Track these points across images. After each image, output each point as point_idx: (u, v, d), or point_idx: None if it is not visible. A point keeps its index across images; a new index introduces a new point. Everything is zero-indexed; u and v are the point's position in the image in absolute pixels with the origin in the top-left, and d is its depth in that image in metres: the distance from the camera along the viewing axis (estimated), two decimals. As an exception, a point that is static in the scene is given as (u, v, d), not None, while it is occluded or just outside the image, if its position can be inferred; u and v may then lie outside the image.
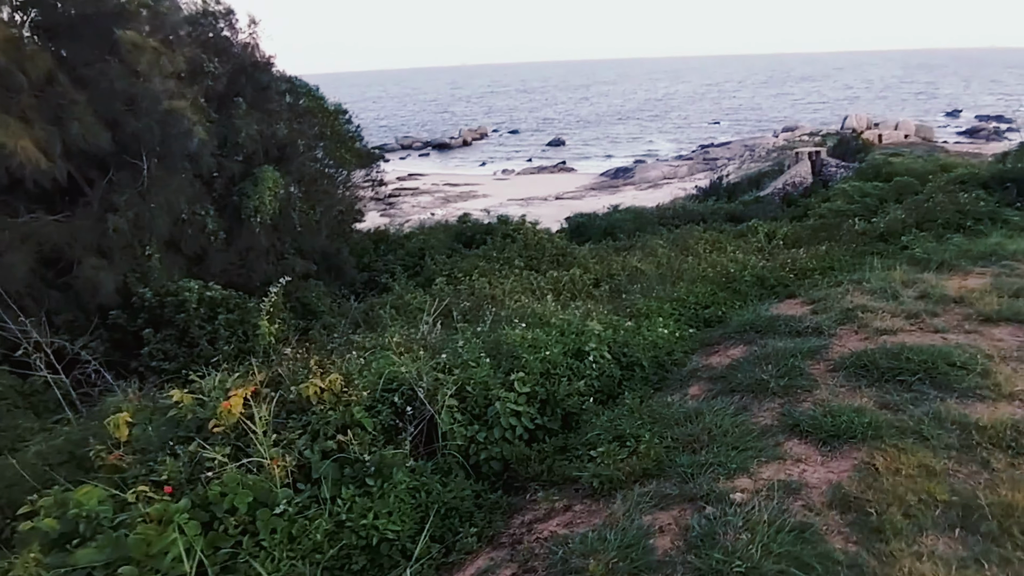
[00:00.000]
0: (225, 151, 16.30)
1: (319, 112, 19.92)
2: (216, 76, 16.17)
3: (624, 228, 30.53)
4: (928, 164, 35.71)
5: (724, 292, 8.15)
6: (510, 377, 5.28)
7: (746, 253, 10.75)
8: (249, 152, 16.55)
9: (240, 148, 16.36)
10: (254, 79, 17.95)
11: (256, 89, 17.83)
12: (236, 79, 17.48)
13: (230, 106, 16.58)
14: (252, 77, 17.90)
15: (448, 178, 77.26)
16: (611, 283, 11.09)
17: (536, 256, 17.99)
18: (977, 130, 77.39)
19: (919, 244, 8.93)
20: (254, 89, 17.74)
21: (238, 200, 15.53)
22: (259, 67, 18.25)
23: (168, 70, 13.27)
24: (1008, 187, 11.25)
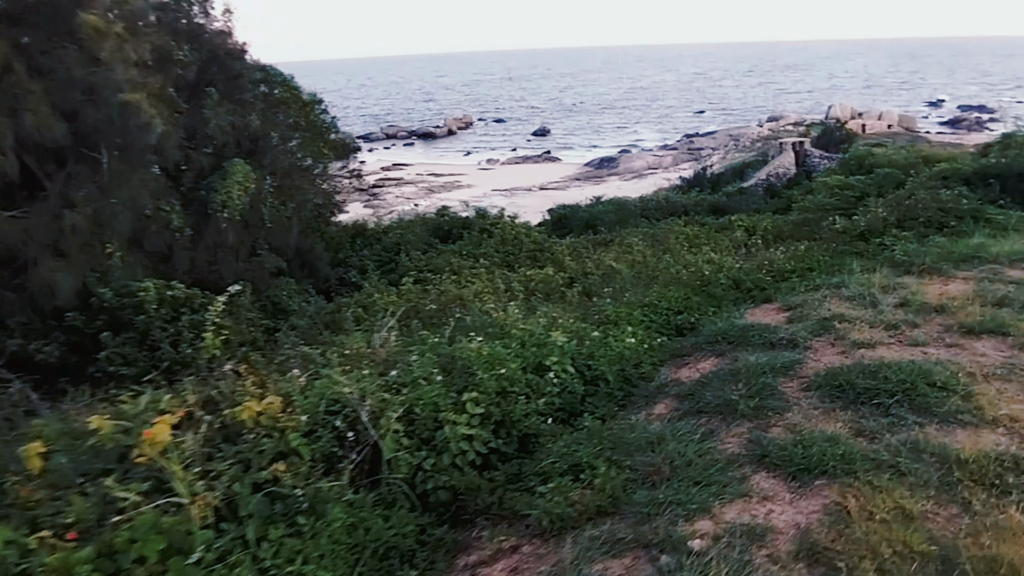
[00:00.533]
0: (194, 143, 15.79)
1: (294, 102, 19.38)
2: (186, 64, 15.64)
3: (606, 220, 30.19)
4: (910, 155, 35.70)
5: (698, 296, 7.82)
6: (463, 397, 4.93)
7: (722, 253, 10.44)
8: (220, 144, 16.04)
9: (210, 140, 15.85)
10: (227, 68, 17.40)
11: (228, 78, 17.29)
12: (208, 68, 16.93)
13: (201, 96, 16.05)
14: (225, 66, 17.35)
15: (433, 168, 76.58)
16: (584, 283, 10.76)
17: (513, 251, 17.63)
18: (959, 120, 77.67)
19: (900, 245, 8.64)
20: (226, 78, 17.20)
21: (205, 195, 15.04)
22: (232, 55, 17.70)
23: (132, 58, 12.72)
24: (991, 183, 11.00)
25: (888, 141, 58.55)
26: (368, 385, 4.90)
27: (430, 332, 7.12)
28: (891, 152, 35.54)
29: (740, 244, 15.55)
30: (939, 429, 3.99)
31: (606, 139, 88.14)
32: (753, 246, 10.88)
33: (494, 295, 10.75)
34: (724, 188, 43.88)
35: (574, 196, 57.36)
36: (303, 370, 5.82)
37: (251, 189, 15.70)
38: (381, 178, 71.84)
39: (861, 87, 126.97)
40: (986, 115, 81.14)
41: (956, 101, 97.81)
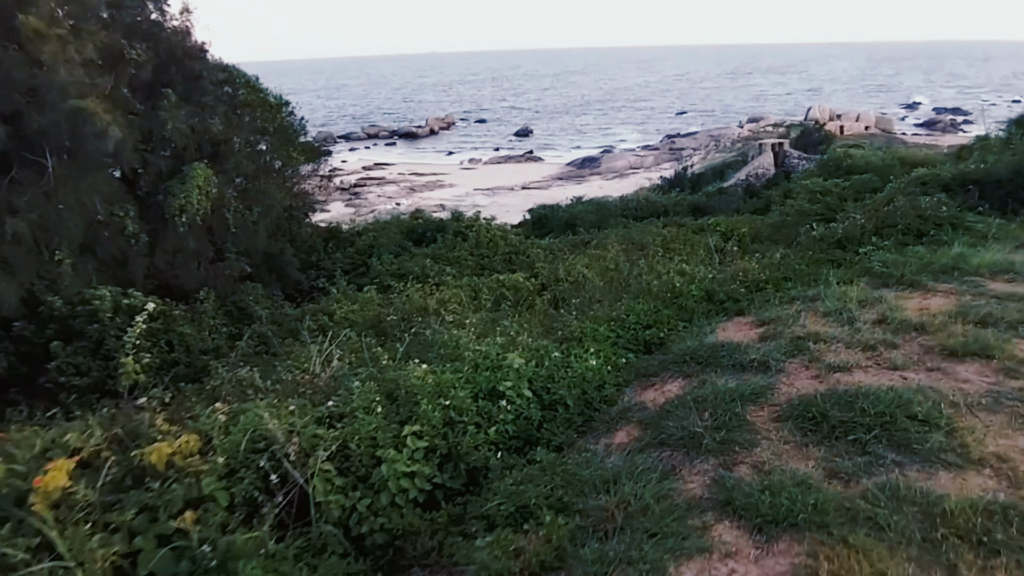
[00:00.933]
0: (151, 146, 15.22)
1: (259, 105, 18.82)
2: (140, 64, 15.05)
3: (586, 221, 29.93)
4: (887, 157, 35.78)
5: (669, 309, 7.43)
6: (404, 430, 4.50)
7: (696, 263, 10.07)
8: (179, 148, 15.48)
9: (168, 143, 15.28)
10: (185, 68, 16.82)
11: (188, 79, 16.71)
12: (166, 68, 16.34)
13: (158, 97, 15.48)
14: (183, 66, 16.77)
15: (415, 168, 76.07)
16: (556, 290, 10.35)
17: (488, 255, 17.22)
18: (934, 122, 78.66)
19: (878, 254, 8.31)
20: (185, 79, 16.63)
21: (163, 199, 14.48)
22: (191, 55, 17.13)
23: (76, 59, 12.15)
24: (970, 189, 10.73)
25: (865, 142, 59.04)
26: (299, 420, 4.45)
27: (384, 350, 6.69)
28: (868, 153, 35.62)
29: (717, 249, 15.28)
30: (921, 471, 3.61)
31: (588, 139, 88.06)
32: (728, 253, 10.52)
33: (460, 304, 10.32)
34: (704, 188, 43.88)
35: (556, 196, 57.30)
36: (238, 397, 5.37)
37: (213, 193, 15.15)
38: (362, 177, 71.25)
39: (840, 89, 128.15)
40: (960, 117, 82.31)
41: (932, 103, 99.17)
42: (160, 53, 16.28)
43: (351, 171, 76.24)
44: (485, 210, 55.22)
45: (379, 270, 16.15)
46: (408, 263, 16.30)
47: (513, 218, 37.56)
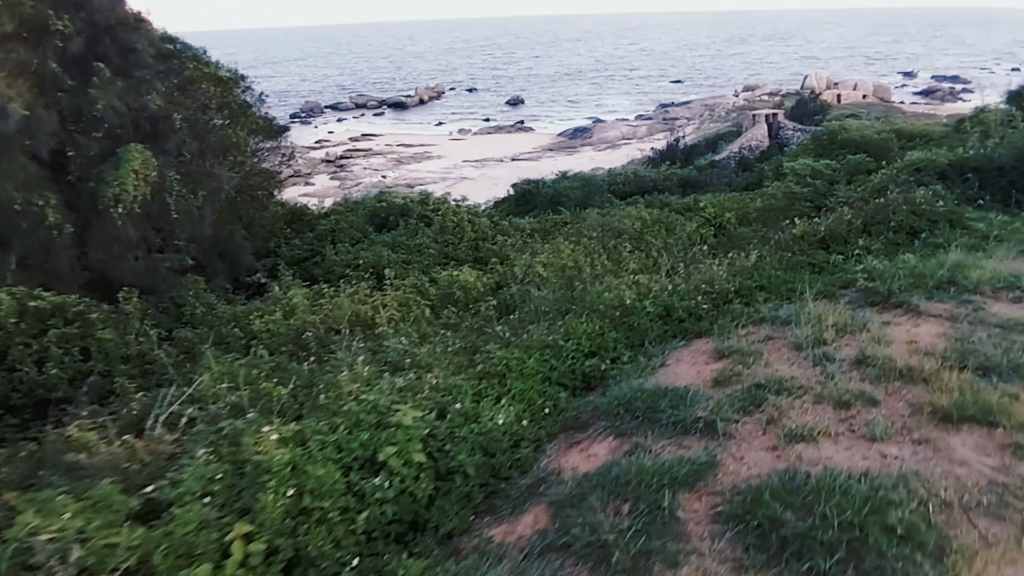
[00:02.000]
0: (80, 126, 13.98)
1: (208, 79, 17.46)
2: (68, 36, 13.75)
3: (570, 198, 28.73)
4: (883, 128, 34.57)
5: (617, 331, 6.36)
6: (233, 530, 3.46)
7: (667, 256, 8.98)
8: (113, 128, 14.21)
9: (100, 123, 14.03)
10: (120, 40, 15.48)
11: (123, 52, 15.39)
12: (99, 39, 15.02)
13: (91, 72, 14.20)
14: (118, 38, 15.44)
15: (403, 139, 74.40)
16: (506, 294, 9.26)
17: (452, 241, 16.06)
18: (933, 91, 77.21)
19: (864, 262, 7.22)
20: (120, 52, 15.30)
21: (95, 186, 13.28)
22: (127, 26, 15.77)
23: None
24: (968, 179, 9.62)
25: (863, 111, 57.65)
26: (97, 518, 3.40)
27: (281, 383, 5.63)
28: (864, 126, 34.31)
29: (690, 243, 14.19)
30: (897, 631, 2.58)
31: (581, 109, 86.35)
32: (699, 251, 9.42)
33: (403, 307, 9.25)
34: (696, 160, 42.59)
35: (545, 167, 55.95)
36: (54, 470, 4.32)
37: (152, 177, 13.94)
38: (349, 149, 69.62)
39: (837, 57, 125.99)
40: (959, 85, 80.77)
41: (930, 71, 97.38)
42: (91, 23, 14.97)
43: (337, 142, 74.73)
44: (473, 183, 54.20)
45: (333, 260, 14.98)
46: (365, 252, 15.13)
47: (500, 191, 36.33)
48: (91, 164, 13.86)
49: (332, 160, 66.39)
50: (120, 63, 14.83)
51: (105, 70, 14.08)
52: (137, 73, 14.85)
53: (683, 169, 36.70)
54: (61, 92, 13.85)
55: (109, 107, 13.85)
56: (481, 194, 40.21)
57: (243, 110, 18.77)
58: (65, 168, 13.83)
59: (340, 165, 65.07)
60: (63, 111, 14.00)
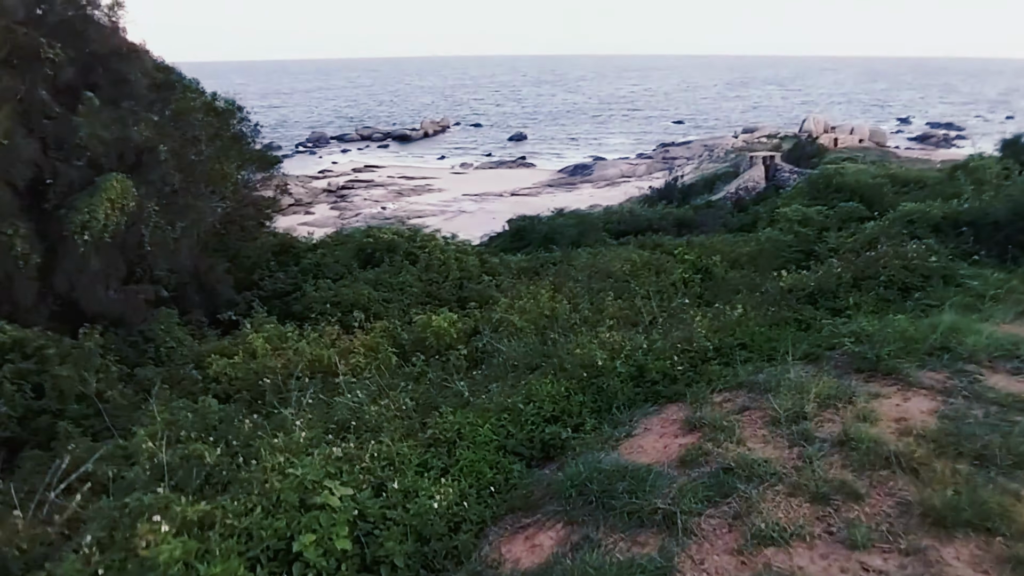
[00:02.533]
0: (63, 154, 13.67)
1: (201, 110, 17.22)
2: (58, 65, 13.55)
3: (565, 235, 28.46)
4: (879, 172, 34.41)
5: (584, 393, 5.89)
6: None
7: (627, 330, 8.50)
8: (97, 157, 13.92)
9: (82, 151, 13.73)
10: (114, 70, 15.27)
11: (116, 81, 15.16)
12: (92, 68, 14.84)
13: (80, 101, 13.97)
14: (111, 68, 15.23)
15: (405, 171, 74.56)
16: (476, 344, 8.79)
17: (437, 280, 15.62)
18: (928, 137, 77.97)
19: (853, 323, 6.77)
20: (113, 81, 15.08)
21: (65, 214, 12.91)
22: (121, 56, 15.57)
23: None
24: (963, 232, 9.22)
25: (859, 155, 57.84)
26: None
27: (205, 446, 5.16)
28: (859, 170, 34.18)
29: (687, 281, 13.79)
30: None
31: (582, 146, 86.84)
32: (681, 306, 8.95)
33: (366, 356, 8.77)
34: (694, 200, 42.36)
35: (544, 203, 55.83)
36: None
37: (129, 207, 13.58)
38: (351, 180, 69.70)
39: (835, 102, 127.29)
40: (953, 132, 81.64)
41: (925, 118, 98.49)
42: (84, 52, 14.79)
43: (340, 172, 75.04)
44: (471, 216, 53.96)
45: (313, 297, 14.52)
46: (346, 289, 14.67)
47: (497, 225, 36.01)
48: (70, 192, 13.53)
49: (333, 190, 66.56)
50: (111, 92, 14.61)
51: (93, 98, 13.87)
52: (125, 103, 14.60)
53: (679, 209, 36.44)
54: (48, 119, 13.60)
55: (94, 136, 13.58)
56: (479, 228, 39.96)
57: (235, 141, 18.51)
58: (44, 196, 13.51)
59: (341, 195, 65.21)
60: (47, 138, 13.74)
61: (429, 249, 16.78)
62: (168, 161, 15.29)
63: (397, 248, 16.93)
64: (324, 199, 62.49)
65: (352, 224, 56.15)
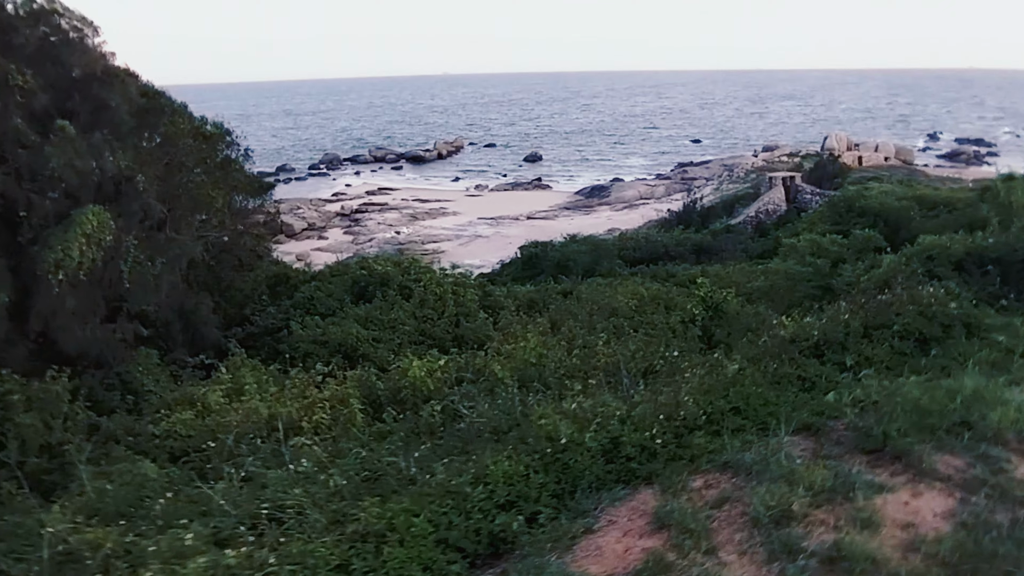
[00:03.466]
0: (36, 186, 13.24)
1: (186, 136, 16.79)
2: (27, 91, 13.17)
3: (578, 262, 27.69)
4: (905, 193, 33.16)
5: (547, 471, 5.14)
6: None
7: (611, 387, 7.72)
8: (73, 188, 13.49)
9: (57, 182, 13.30)
10: (93, 96, 14.89)
11: (94, 108, 14.78)
12: (70, 94, 14.48)
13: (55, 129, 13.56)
14: (91, 94, 14.86)
15: (419, 193, 74.35)
16: (448, 399, 8.05)
17: (431, 317, 14.92)
18: (957, 154, 75.84)
19: (859, 388, 5.95)
20: (92, 108, 14.70)
21: (39, 250, 12.44)
22: (101, 81, 15.21)
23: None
24: (988, 272, 8.35)
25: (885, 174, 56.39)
26: None
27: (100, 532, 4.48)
28: (884, 191, 32.97)
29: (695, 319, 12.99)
30: None
31: (599, 166, 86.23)
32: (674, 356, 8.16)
33: (332, 411, 8.09)
34: (712, 224, 41.31)
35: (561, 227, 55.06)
36: None
37: (107, 242, 13.10)
38: (365, 203, 69.53)
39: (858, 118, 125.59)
40: (984, 149, 79.39)
41: (954, 134, 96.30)
42: (71, 78, 14.48)
43: (354, 195, 75.05)
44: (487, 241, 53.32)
45: (300, 336, 13.86)
46: (334, 328, 14.00)
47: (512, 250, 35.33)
48: (45, 226, 13.08)
49: (347, 214, 66.43)
50: (90, 119, 14.21)
51: (68, 126, 13.44)
52: (103, 130, 14.18)
53: (697, 234, 35.47)
54: (23, 148, 13.20)
55: (68, 166, 13.15)
56: (494, 253, 39.34)
57: (224, 166, 18.03)
58: (18, 230, 13.07)
59: (355, 219, 65.03)
60: (20, 169, 13.33)
61: (424, 283, 16.10)
62: (148, 191, 14.83)
63: (391, 281, 16.27)
64: (338, 223, 62.28)
65: (366, 249, 55.83)
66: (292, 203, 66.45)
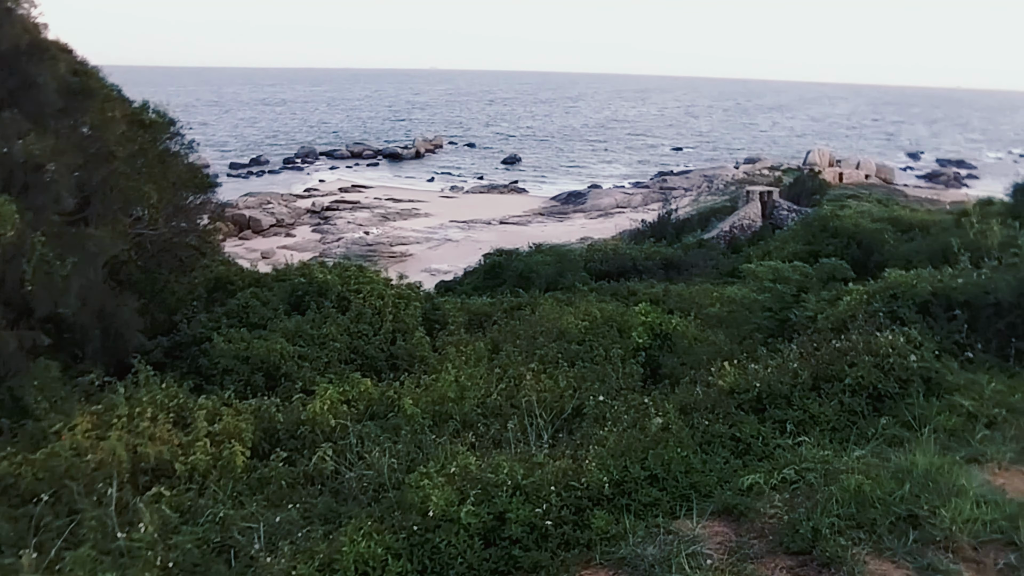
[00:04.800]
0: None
1: (118, 123, 15.53)
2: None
3: (541, 274, 26.72)
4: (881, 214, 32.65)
5: (412, 557, 4.19)
6: None
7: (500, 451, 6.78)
8: (-19, 176, 12.33)
9: (-38, 170, 12.15)
10: (22, 72, 13.68)
11: (17, 86, 13.58)
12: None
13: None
14: (18, 68, 13.64)
15: (393, 192, 73.14)
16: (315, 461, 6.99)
17: (366, 333, 13.82)
18: (937, 174, 76.31)
19: (795, 458, 5.05)
20: (14, 86, 13.50)
21: (-72, 249, 11.27)
22: (29, 56, 13.97)
23: None
24: (956, 316, 7.52)
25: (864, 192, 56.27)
26: None
27: None
28: (859, 212, 32.43)
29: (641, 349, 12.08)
30: None
31: (578, 171, 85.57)
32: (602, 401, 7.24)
33: (211, 452, 7.05)
34: (685, 237, 40.53)
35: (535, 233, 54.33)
36: None
37: (8, 238, 11.92)
38: (337, 200, 68.09)
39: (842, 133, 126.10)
40: (964, 171, 79.97)
41: (936, 154, 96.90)
42: None
43: (327, 192, 73.73)
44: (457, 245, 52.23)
45: (221, 350, 12.65)
46: (259, 343, 12.83)
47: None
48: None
49: (318, 211, 65.07)
50: (11, 97, 13.03)
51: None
52: (25, 110, 12.98)
53: (668, 248, 34.64)
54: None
55: (-30, 152, 11.99)
56: (463, 258, 38.43)
57: (163, 159, 16.75)
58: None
59: (325, 217, 63.73)
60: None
61: (364, 294, 14.98)
62: (60, 182, 13.61)
63: (329, 291, 15.13)
64: (307, 220, 60.87)
65: (333, 249, 54.42)
66: (262, 197, 65.14)
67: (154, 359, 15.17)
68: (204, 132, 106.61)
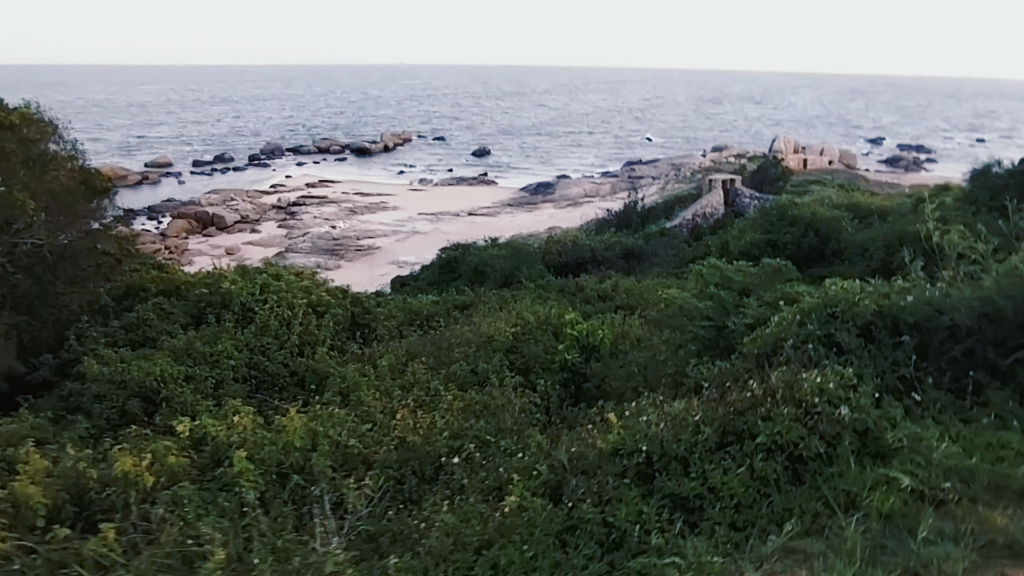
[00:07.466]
0: None
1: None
2: None
3: (497, 267, 25.92)
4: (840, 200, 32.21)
5: None
6: None
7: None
8: None
9: None
10: None
11: None
12: None
13: None
14: None
15: (360, 187, 71.72)
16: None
17: (270, 347, 12.34)
18: (898, 159, 77.28)
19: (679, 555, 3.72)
20: None
21: None
22: None
23: None
24: (903, 343, 6.20)
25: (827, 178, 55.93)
26: None
27: None
28: (817, 200, 31.84)
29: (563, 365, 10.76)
30: None
31: (548, 162, 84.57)
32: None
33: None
34: (649, 226, 39.62)
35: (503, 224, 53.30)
36: None
37: None
38: (303, 196, 66.54)
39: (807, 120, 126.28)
40: (924, 155, 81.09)
41: (897, 139, 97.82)
42: None
43: (293, 187, 72.46)
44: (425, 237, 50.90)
45: (94, 373, 11.09)
46: (139, 363, 11.25)
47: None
48: None
49: (284, 207, 63.83)
50: None
51: None
52: None
53: (629, 237, 33.67)
54: None
55: None
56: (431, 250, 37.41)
57: (42, 163, 15.09)
58: None
59: (291, 212, 62.54)
60: None
61: (271, 304, 13.42)
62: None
63: (232, 303, 13.55)
64: (273, 216, 59.53)
65: (299, 244, 52.95)
66: (226, 194, 63.92)
67: (40, 378, 13.61)
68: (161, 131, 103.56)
